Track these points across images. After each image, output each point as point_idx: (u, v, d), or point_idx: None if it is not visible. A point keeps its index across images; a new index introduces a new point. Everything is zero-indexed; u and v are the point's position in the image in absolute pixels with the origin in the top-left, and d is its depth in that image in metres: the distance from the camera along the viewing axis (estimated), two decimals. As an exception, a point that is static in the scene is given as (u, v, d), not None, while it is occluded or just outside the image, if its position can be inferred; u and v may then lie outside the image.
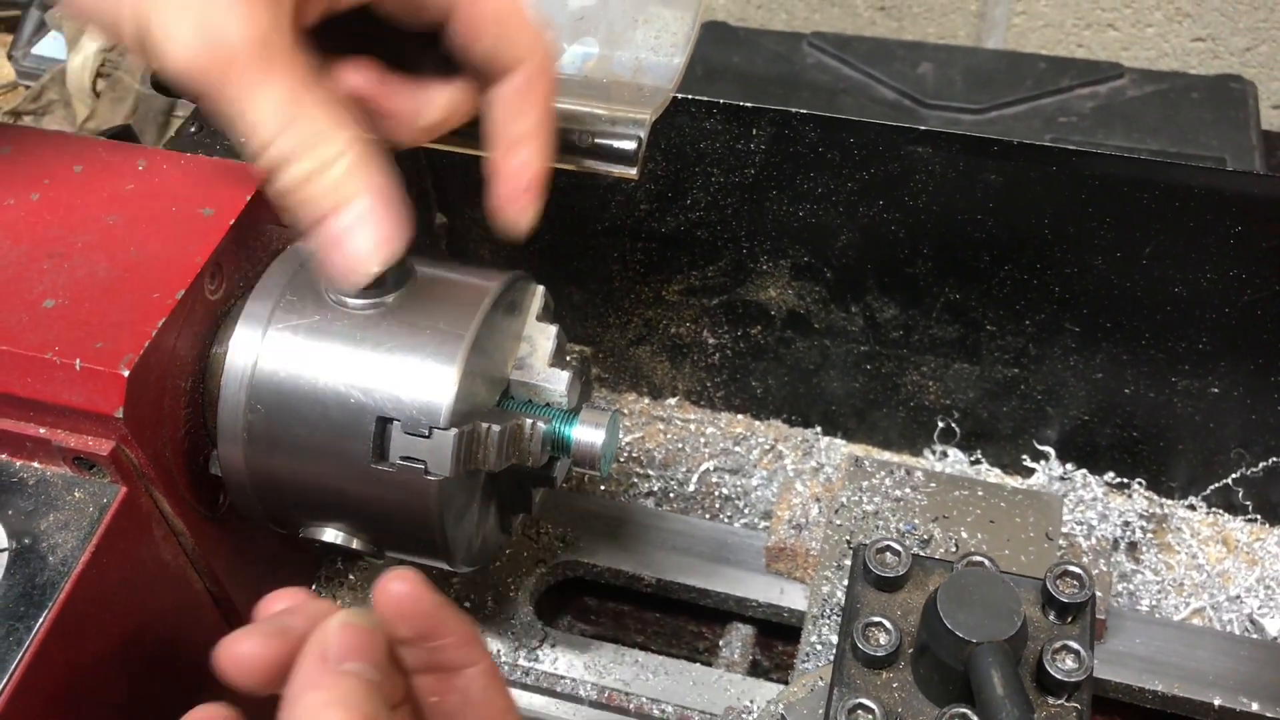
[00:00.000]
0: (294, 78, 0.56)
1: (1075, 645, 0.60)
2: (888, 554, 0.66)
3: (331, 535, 0.72)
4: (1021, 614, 0.58)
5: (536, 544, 0.94)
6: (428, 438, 0.66)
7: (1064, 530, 0.91)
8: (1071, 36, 1.59)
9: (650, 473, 1.01)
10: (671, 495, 1.00)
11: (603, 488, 1.00)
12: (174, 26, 0.53)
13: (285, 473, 0.70)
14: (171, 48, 0.54)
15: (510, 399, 0.74)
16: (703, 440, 1.04)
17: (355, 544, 0.72)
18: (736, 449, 1.03)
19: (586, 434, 0.72)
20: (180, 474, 0.71)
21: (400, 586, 0.56)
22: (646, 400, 1.08)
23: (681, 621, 1.01)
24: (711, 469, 1.02)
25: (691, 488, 1.00)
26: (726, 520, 0.98)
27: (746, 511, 0.99)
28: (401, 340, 0.68)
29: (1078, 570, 0.62)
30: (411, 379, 0.67)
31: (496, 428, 0.68)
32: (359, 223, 0.58)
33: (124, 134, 0.92)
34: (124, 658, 0.71)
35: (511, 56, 0.65)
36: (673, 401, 1.08)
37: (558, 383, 0.73)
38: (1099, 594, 0.80)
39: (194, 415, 0.72)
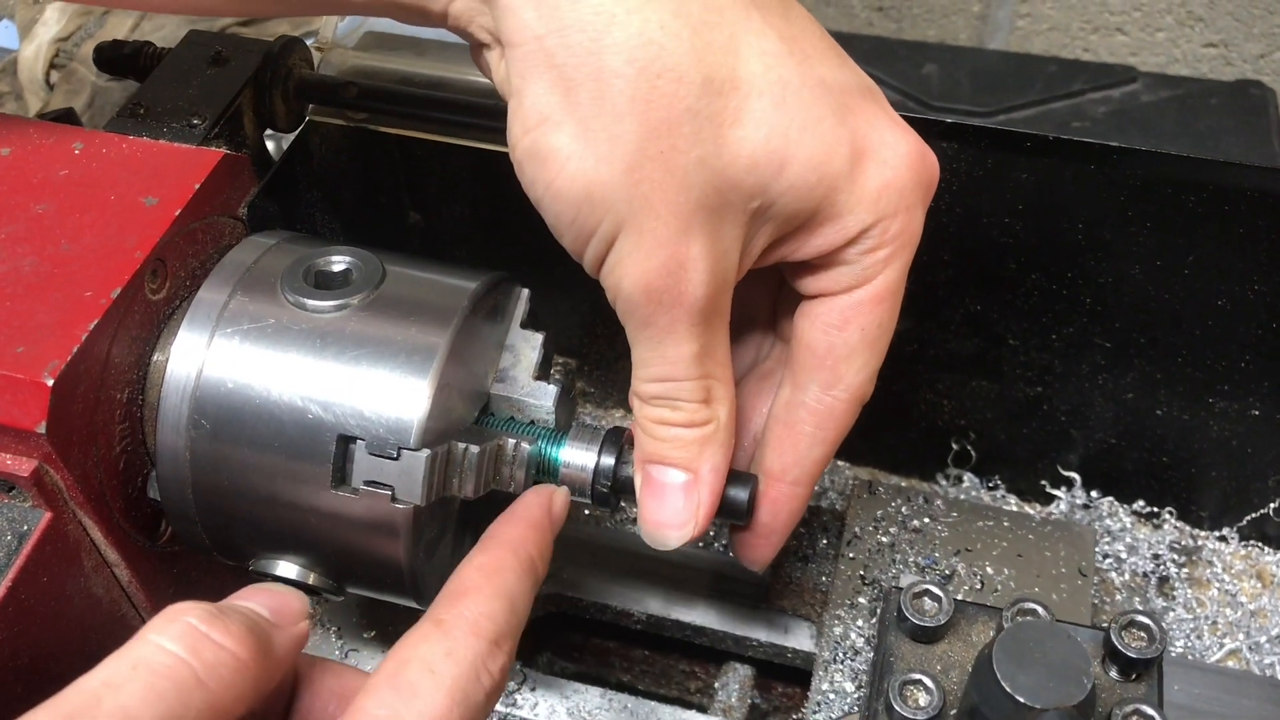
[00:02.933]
0: (716, 337, 0.59)
1: (1149, 710, 0.52)
2: (926, 600, 0.58)
3: (285, 569, 0.67)
4: (1091, 675, 0.50)
5: (516, 575, 0.86)
6: (396, 459, 0.60)
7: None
8: (1078, 40, 1.54)
9: (640, 497, 0.94)
10: (663, 522, 0.93)
11: (587, 513, 0.92)
12: (646, 252, 0.54)
13: (233, 497, 0.64)
14: (633, 268, 0.55)
15: (491, 416, 0.68)
16: (697, 462, 0.96)
17: (312, 579, 0.67)
18: (734, 472, 0.96)
19: (577, 456, 0.65)
20: (114, 498, 0.66)
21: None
22: (636, 417, 1.01)
23: (672, 660, 0.94)
24: (706, 493, 0.94)
25: (685, 514, 0.93)
26: (723, 550, 0.90)
27: (745, 540, 0.91)
28: (367, 348, 0.62)
29: (1146, 621, 0.55)
30: (378, 392, 0.61)
31: (475, 449, 0.63)
32: (677, 491, 0.61)
33: (65, 117, 0.85)
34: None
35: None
36: (664, 419, 1.01)
37: (544, 398, 0.68)
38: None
39: (130, 431, 0.67)
